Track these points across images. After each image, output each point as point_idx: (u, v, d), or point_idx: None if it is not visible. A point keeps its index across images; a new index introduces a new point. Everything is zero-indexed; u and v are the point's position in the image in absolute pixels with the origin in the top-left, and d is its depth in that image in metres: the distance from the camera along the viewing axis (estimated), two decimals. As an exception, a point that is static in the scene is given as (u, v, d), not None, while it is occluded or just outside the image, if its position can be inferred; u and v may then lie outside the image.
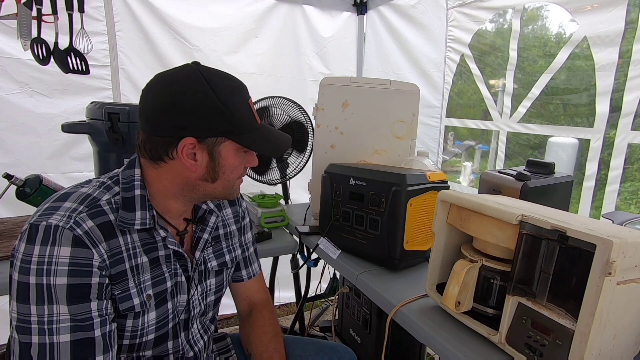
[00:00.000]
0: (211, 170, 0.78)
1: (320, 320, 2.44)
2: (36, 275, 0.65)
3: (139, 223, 0.76)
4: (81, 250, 0.68)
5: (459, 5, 2.27)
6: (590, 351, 0.63)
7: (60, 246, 0.66)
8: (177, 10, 2.23)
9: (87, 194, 0.74)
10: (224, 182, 0.81)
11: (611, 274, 0.59)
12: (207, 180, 0.79)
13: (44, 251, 0.66)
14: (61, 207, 0.70)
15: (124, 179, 0.78)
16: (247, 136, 0.79)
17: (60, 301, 0.66)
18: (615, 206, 1.66)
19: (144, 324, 0.79)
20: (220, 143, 0.77)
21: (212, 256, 0.94)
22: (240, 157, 0.82)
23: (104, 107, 1.31)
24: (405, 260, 1.12)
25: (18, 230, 1.33)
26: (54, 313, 0.66)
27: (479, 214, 0.80)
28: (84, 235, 0.68)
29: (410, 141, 1.42)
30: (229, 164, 0.79)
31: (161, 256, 0.81)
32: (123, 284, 0.75)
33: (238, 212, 1.04)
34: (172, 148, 0.75)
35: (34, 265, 0.65)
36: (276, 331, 1.05)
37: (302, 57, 2.66)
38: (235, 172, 0.83)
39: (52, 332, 0.66)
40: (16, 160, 1.93)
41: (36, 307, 0.66)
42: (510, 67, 2.10)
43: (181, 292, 0.86)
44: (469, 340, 0.80)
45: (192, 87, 0.73)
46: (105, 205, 0.74)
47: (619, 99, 1.63)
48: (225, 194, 0.85)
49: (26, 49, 1.48)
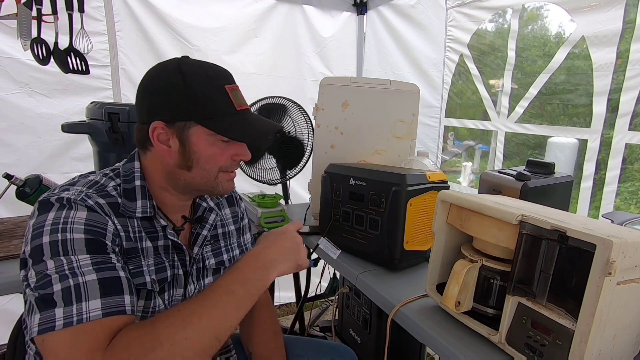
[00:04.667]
0: (184, 157, 0.78)
1: (320, 320, 2.44)
2: (50, 234, 0.64)
3: (140, 211, 0.77)
4: (97, 214, 0.69)
5: (458, 5, 2.28)
6: (590, 351, 0.63)
7: (77, 211, 0.67)
8: (177, 10, 2.24)
9: (95, 180, 0.77)
10: (200, 171, 0.79)
11: (611, 274, 0.60)
12: (182, 167, 0.79)
13: (59, 214, 0.66)
14: (71, 188, 0.73)
15: (125, 172, 0.80)
16: (220, 122, 0.77)
17: (79, 252, 0.64)
18: (614, 206, 1.67)
19: (154, 308, 0.79)
20: (189, 128, 0.76)
21: (211, 254, 0.94)
22: (217, 147, 0.79)
23: (104, 107, 1.31)
24: (405, 260, 1.12)
25: (18, 230, 1.33)
26: (73, 260, 0.63)
27: (479, 214, 0.80)
28: (96, 205, 0.70)
29: (410, 141, 1.42)
30: (201, 151, 0.78)
31: (161, 246, 0.81)
32: (136, 260, 0.76)
33: (237, 212, 1.04)
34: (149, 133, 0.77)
35: (48, 227, 0.65)
36: (276, 330, 1.06)
37: (302, 57, 2.66)
38: (212, 162, 0.80)
39: (76, 274, 0.62)
40: (16, 160, 1.93)
41: (54, 260, 0.63)
42: (509, 67, 2.10)
43: (177, 286, 0.85)
44: (469, 340, 0.80)
45: (163, 73, 0.77)
46: (112, 190, 0.76)
47: (616, 99, 1.63)
48: (207, 187, 0.82)
49: (26, 49, 1.48)
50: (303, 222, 1.57)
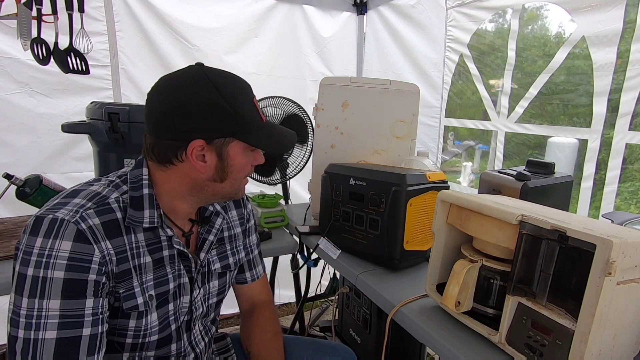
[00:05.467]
0: (220, 170, 0.79)
1: (320, 320, 2.44)
2: (34, 267, 0.66)
3: (147, 221, 0.77)
4: (82, 245, 0.68)
5: (458, 5, 2.28)
6: (590, 351, 0.63)
7: (62, 240, 0.67)
8: (177, 10, 2.23)
9: (97, 192, 0.75)
10: (231, 181, 0.82)
11: (611, 274, 0.60)
12: (215, 180, 0.80)
13: (46, 244, 0.67)
14: (70, 202, 0.72)
15: (132, 179, 0.79)
16: (253, 135, 0.80)
17: (54, 296, 0.66)
18: (614, 206, 1.67)
19: (146, 325, 0.79)
20: (229, 144, 0.77)
21: (216, 258, 0.94)
22: (247, 156, 0.82)
23: (104, 107, 1.31)
24: (405, 260, 1.12)
25: (18, 230, 1.33)
26: (43, 308, 0.66)
27: (479, 214, 0.80)
28: (87, 230, 0.69)
29: (410, 141, 1.42)
30: (237, 163, 0.80)
31: (165, 257, 0.81)
32: (127, 283, 0.75)
33: (243, 214, 1.04)
34: (181, 151, 0.75)
35: (34, 257, 0.66)
36: (276, 331, 1.06)
37: (302, 57, 2.66)
38: (243, 171, 0.83)
39: (39, 327, 0.65)
40: (16, 160, 1.93)
41: (28, 300, 0.66)
42: (509, 67, 2.10)
43: (184, 294, 0.86)
44: (469, 340, 0.80)
45: (198, 90, 0.73)
46: (113, 203, 0.75)
47: (616, 99, 1.63)
48: (232, 194, 0.86)
49: (26, 49, 1.48)
50: (303, 222, 1.58)
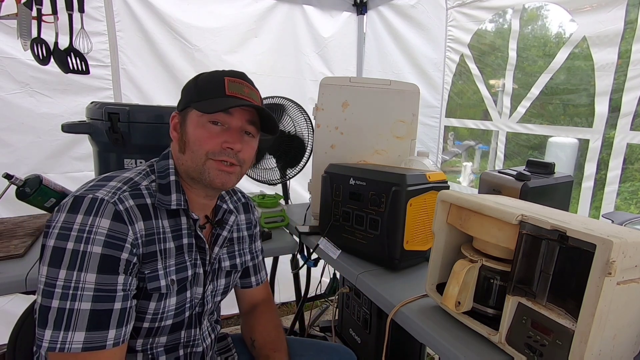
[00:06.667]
0: (181, 141, 0.84)
1: (320, 320, 2.44)
2: (75, 242, 0.69)
3: (175, 204, 0.82)
4: (119, 224, 0.73)
5: (458, 5, 2.27)
6: (590, 351, 0.63)
7: (102, 217, 0.71)
8: (177, 10, 2.23)
9: (130, 177, 0.81)
10: (190, 154, 0.82)
11: (611, 274, 0.59)
12: (181, 151, 0.84)
13: (87, 220, 0.70)
14: (107, 185, 0.77)
15: (160, 169, 0.86)
16: (204, 102, 0.81)
17: (91, 270, 0.69)
18: (615, 206, 1.66)
19: (165, 308, 0.82)
20: (187, 112, 0.83)
21: (226, 256, 0.98)
22: (206, 129, 0.81)
23: (104, 107, 1.31)
24: (405, 260, 1.12)
25: (18, 230, 1.33)
26: (80, 280, 0.69)
27: (479, 214, 0.80)
28: (124, 212, 0.74)
29: (410, 141, 1.42)
30: (191, 132, 0.82)
31: (185, 244, 0.85)
32: (152, 264, 0.79)
33: (251, 219, 1.09)
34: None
35: (75, 232, 0.69)
36: (277, 324, 1.09)
37: (302, 57, 2.66)
38: (199, 144, 0.81)
39: (75, 298, 0.68)
40: (16, 160, 1.93)
41: (66, 272, 0.68)
42: (510, 67, 2.10)
43: (198, 284, 0.89)
44: (469, 340, 0.80)
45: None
46: (144, 189, 0.81)
47: (618, 99, 1.63)
48: (197, 172, 0.82)
49: (26, 49, 1.48)
50: (303, 222, 1.58)
